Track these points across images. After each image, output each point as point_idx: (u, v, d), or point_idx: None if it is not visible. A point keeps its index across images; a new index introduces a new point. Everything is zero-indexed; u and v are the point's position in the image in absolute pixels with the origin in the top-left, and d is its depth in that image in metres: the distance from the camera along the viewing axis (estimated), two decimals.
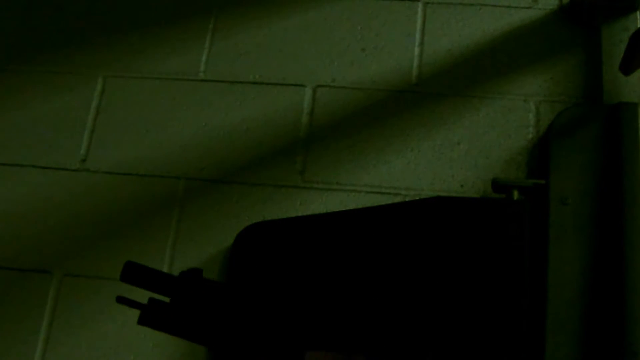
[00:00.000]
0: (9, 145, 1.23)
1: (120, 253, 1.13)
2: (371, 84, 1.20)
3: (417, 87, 1.19)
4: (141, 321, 0.69)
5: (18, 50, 1.30)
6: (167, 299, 0.71)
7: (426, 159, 1.14)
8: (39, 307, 1.11)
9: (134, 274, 0.71)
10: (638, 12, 1.16)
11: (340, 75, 1.21)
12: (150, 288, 0.71)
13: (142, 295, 0.73)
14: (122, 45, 1.28)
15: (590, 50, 1.17)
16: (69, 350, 1.09)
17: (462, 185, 1.12)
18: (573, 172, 1.04)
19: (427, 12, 1.24)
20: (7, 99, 1.27)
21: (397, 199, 1.12)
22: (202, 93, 1.23)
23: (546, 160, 1.07)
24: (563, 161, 1.05)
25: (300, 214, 1.12)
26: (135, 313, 1.09)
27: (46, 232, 1.17)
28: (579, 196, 1.03)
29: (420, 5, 1.24)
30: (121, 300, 0.71)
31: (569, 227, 1.01)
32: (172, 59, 1.26)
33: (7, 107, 1.26)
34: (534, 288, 0.99)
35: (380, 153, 1.15)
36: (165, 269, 1.11)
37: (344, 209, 1.12)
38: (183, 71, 1.24)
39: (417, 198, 1.10)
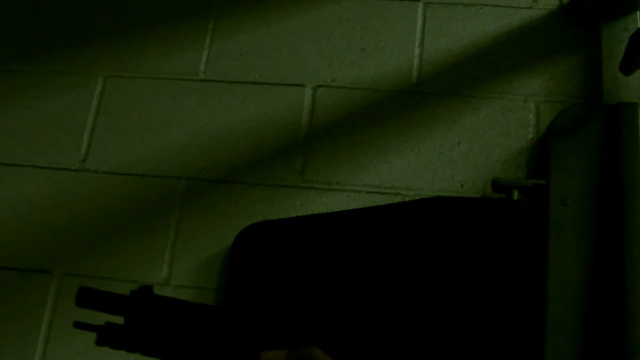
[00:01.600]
0: (9, 145, 1.23)
1: (120, 253, 1.13)
2: (371, 84, 1.20)
3: (417, 87, 1.19)
4: (99, 342, 0.72)
5: (18, 50, 1.30)
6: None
7: (426, 159, 1.14)
8: (39, 307, 1.11)
9: (88, 298, 0.75)
10: (638, 12, 1.16)
11: (340, 75, 1.21)
12: (105, 310, 0.74)
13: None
14: (122, 45, 1.28)
15: (590, 50, 1.17)
16: (69, 350, 1.09)
17: (462, 185, 1.12)
18: (573, 172, 1.04)
19: (427, 12, 1.24)
20: (7, 99, 1.27)
21: (397, 199, 1.12)
22: (202, 93, 1.23)
23: (546, 160, 1.07)
24: (563, 161, 1.05)
25: (300, 214, 1.12)
26: None
27: (46, 232, 1.16)
28: (579, 196, 1.03)
29: (420, 5, 1.24)
30: (79, 325, 0.74)
31: (569, 227, 1.01)
32: (172, 59, 1.26)
33: (7, 107, 1.26)
34: (534, 288, 0.99)
35: (380, 153, 1.15)
36: (165, 269, 1.11)
37: (344, 209, 1.11)
38: (183, 71, 1.24)
39: (417, 198, 1.10)
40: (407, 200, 1.11)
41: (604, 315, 0.96)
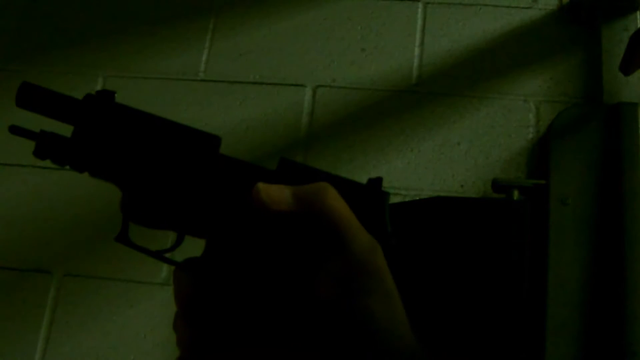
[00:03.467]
0: (9, 145, 1.23)
1: (120, 253, 1.13)
2: (371, 84, 1.20)
3: (417, 87, 1.19)
4: (37, 152, 0.57)
5: (18, 50, 1.30)
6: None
7: (426, 159, 1.14)
8: (39, 307, 1.11)
9: (31, 97, 0.60)
10: (638, 12, 1.16)
11: (340, 75, 1.21)
12: (50, 114, 0.59)
13: None
14: (122, 45, 1.28)
15: (590, 50, 1.17)
16: (69, 350, 1.09)
17: (462, 185, 1.12)
18: (573, 172, 1.04)
19: (427, 12, 1.24)
20: (7, 99, 1.26)
21: (397, 199, 1.12)
22: (202, 93, 1.22)
23: (546, 160, 1.07)
24: (563, 161, 1.05)
25: None
26: (135, 312, 1.09)
27: (46, 232, 1.16)
28: (579, 196, 1.03)
29: (420, 5, 1.24)
30: (15, 130, 0.58)
31: (569, 227, 1.01)
32: (172, 59, 1.26)
33: (7, 107, 1.26)
34: (534, 288, 0.99)
35: (380, 153, 1.15)
36: (165, 269, 1.11)
37: None
38: (183, 71, 1.24)
39: (417, 198, 1.10)
40: (407, 200, 1.11)
41: (603, 315, 0.96)
